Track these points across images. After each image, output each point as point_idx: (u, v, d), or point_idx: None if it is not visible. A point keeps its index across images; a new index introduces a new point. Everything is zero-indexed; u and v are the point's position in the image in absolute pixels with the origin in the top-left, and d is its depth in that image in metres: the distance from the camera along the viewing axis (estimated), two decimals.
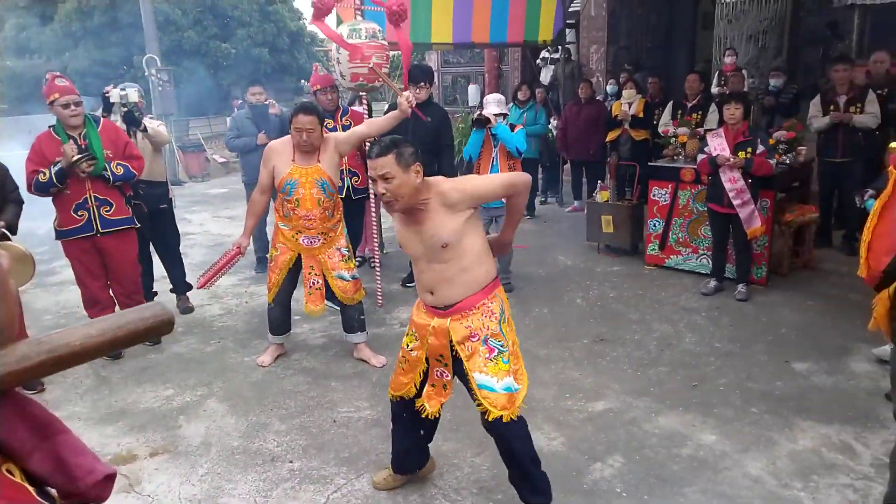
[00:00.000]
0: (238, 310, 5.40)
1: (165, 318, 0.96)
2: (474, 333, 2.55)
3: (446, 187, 2.54)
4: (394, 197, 2.49)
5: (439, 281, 2.56)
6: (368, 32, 4.89)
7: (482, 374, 2.53)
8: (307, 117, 3.83)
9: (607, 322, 4.90)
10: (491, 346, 2.55)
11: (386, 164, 2.46)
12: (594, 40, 11.42)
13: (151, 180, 4.92)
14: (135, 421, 3.69)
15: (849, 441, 3.32)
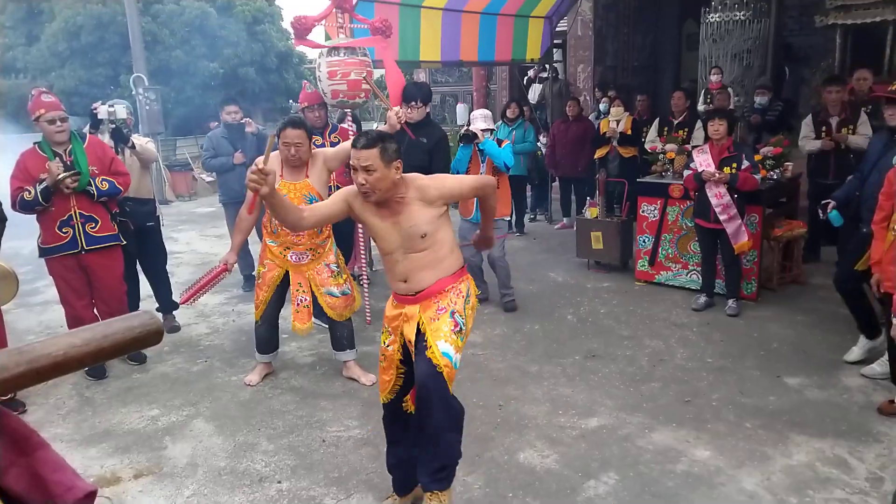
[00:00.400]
0: (225, 328, 5.32)
1: (153, 328, 0.92)
2: (443, 308, 2.68)
3: (425, 182, 2.69)
4: (372, 189, 2.58)
5: (414, 269, 2.69)
6: (347, 49, 4.90)
7: (446, 343, 2.63)
8: (295, 131, 3.81)
9: (598, 338, 4.88)
10: (456, 321, 2.68)
11: (370, 156, 2.54)
12: (581, 60, 11.52)
13: (139, 197, 4.87)
14: (119, 442, 3.61)
15: (843, 455, 3.29)
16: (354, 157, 2.57)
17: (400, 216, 2.66)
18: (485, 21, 7.26)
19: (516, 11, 7.55)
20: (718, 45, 8.80)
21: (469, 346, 4.78)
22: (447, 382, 2.62)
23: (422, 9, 6.51)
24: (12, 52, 18.74)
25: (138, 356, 4.62)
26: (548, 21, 8.18)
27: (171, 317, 5.32)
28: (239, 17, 18.87)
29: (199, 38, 18.33)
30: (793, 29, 11.10)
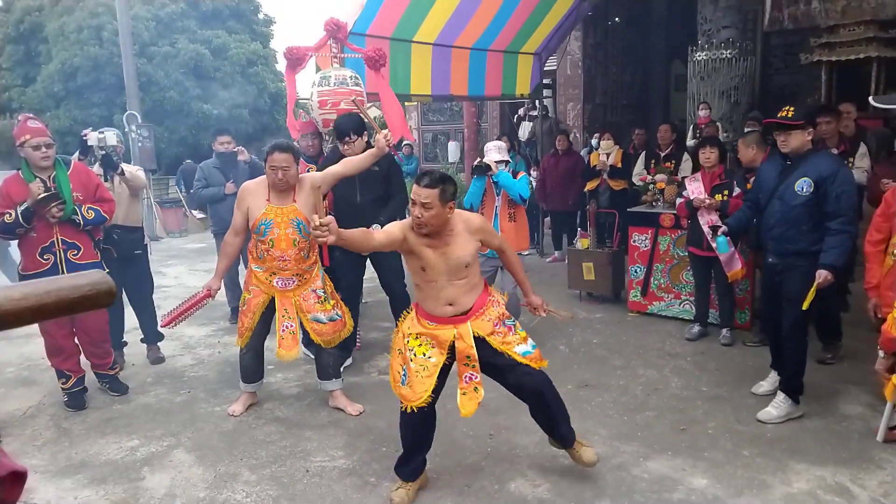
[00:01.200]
0: (210, 360, 5.21)
1: (104, 288, 0.83)
2: (496, 322, 3.10)
3: (471, 216, 3.15)
4: (425, 223, 2.89)
5: (459, 294, 3.05)
6: (338, 79, 4.92)
7: (521, 346, 3.09)
8: (282, 155, 3.77)
9: (591, 368, 4.79)
10: (508, 326, 3.13)
11: (430, 195, 2.83)
12: (570, 98, 11.66)
13: (127, 225, 4.82)
14: (95, 473, 3.47)
15: (845, 483, 3.19)
16: (416, 192, 2.86)
17: (448, 248, 2.98)
18: (474, 56, 7.33)
19: (506, 48, 7.64)
20: (706, 82, 8.93)
21: None
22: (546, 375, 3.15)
23: (412, 43, 6.56)
24: (8, 93, 18.87)
25: (120, 387, 4.50)
26: (537, 57, 8.27)
27: (156, 347, 5.21)
28: (233, 59, 19.08)
29: (194, 80, 18.51)
30: (778, 67, 11.29)
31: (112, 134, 4.84)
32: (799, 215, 3.73)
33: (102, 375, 4.50)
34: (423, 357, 3.05)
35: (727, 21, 8.89)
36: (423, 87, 6.91)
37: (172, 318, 3.93)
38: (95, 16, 17.73)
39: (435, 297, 3.04)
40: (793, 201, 3.75)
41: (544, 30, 7.80)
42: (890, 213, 3.48)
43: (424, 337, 3.08)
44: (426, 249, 2.98)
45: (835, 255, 3.61)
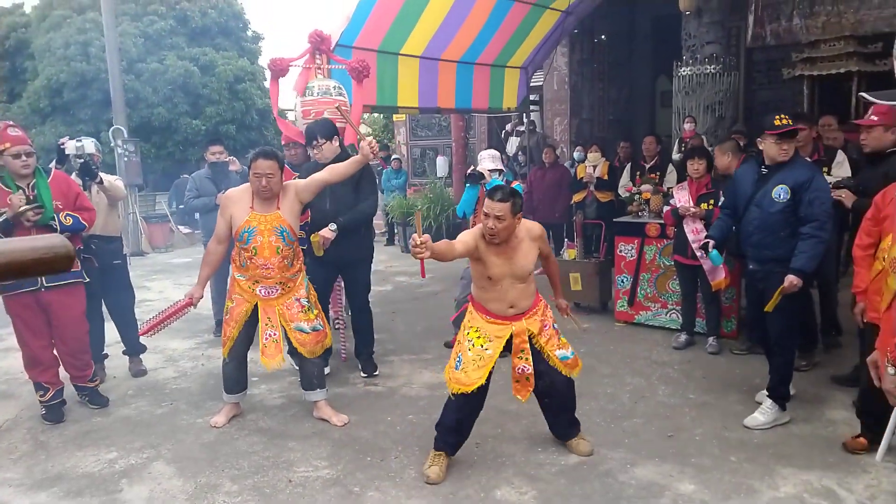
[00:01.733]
0: (193, 372, 5.13)
1: (61, 252, 0.80)
2: (545, 324, 3.46)
3: (532, 225, 3.45)
4: (497, 234, 3.17)
5: (520, 296, 3.38)
6: (321, 89, 4.93)
7: (561, 350, 3.47)
8: (266, 162, 3.75)
9: (579, 376, 4.71)
10: (556, 329, 3.51)
11: (503, 209, 3.14)
12: (557, 113, 11.73)
13: (105, 235, 4.76)
14: (71, 486, 3.39)
15: (831, 486, 3.17)
16: (489, 206, 3.16)
17: (515, 255, 3.29)
18: (461, 70, 7.37)
19: (492, 61, 7.68)
20: (691, 97, 9.01)
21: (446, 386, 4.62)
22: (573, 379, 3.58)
23: (399, 56, 6.59)
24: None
25: (99, 399, 4.42)
26: (524, 71, 8.32)
27: (138, 360, 5.14)
28: (221, 75, 19.08)
29: (182, 96, 18.50)
30: (762, 82, 11.41)
31: (90, 142, 4.80)
32: (777, 222, 3.77)
33: (82, 388, 4.42)
34: (481, 348, 3.37)
35: (711, 37, 9.00)
36: (410, 99, 6.93)
37: (151, 325, 3.87)
38: (83, 32, 17.72)
39: (500, 300, 3.36)
40: (771, 208, 3.79)
41: (530, 44, 7.86)
42: (880, 218, 3.44)
43: (484, 331, 3.40)
44: (493, 257, 3.27)
45: (804, 260, 3.66)
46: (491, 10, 6.72)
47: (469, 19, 6.65)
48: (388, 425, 4.02)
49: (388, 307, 7.07)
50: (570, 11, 7.74)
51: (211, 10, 19.73)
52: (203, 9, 19.58)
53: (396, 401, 4.41)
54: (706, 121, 8.93)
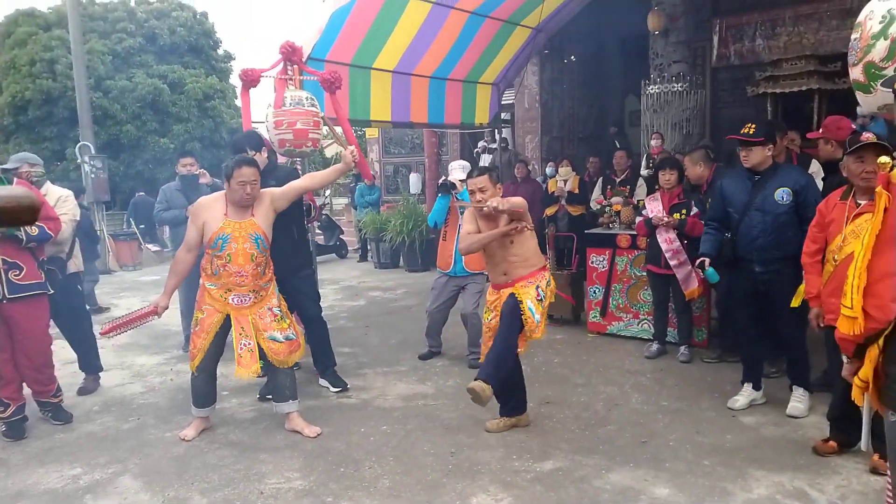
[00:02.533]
0: (162, 387, 5.02)
1: (25, 202, 0.77)
2: (532, 282, 3.79)
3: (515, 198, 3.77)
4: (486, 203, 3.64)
5: (510, 266, 3.82)
6: (293, 100, 4.91)
7: (532, 304, 3.73)
8: (250, 169, 3.73)
9: (552, 386, 4.76)
10: (538, 293, 3.79)
11: (483, 181, 3.81)
12: (529, 130, 11.85)
13: None
14: (32, 503, 3.28)
15: (803, 487, 3.20)
16: (471, 183, 3.84)
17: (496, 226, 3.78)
18: (434, 85, 7.40)
19: (464, 77, 7.73)
20: (659, 114, 9.16)
21: (420, 397, 4.62)
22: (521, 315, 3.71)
23: (371, 70, 6.60)
24: None
25: (63, 415, 4.30)
26: (495, 87, 8.38)
27: (94, 378, 5.01)
28: (190, 93, 18.94)
29: (151, 114, 18.32)
30: (727, 101, 11.66)
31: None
32: (784, 223, 3.95)
33: (45, 403, 4.30)
34: (487, 321, 3.93)
35: (678, 56, 9.18)
36: (383, 113, 6.93)
37: (113, 327, 3.77)
38: (49, 49, 17.48)
39: (496, 267, 3.88)
40: (776, 210, 3.97)
41: (501, 60, 7.92)
42: (824, 224, 3.57)
43: (490, 303, 3.93)
44: (486, 230, 3.81)
45: None
46: (462, 26, 6.78)
47: (441, 35, 6.70)
48: (361, 436, 3.97)
49: (362, 321, 7.02)
50: (541, 29, 7.83)
51: (180, 27, 19.61)
52: (172, 27, 19.45)
53: (370, 412, 4.36)
54: (674, 137, 9.08)
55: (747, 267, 4.12)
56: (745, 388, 4.28)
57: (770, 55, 9.50)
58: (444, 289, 5.32)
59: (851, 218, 3.41)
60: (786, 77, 8.87)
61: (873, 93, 3.05)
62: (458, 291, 5.33)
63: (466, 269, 5.20)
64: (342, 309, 7.72)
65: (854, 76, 3.12)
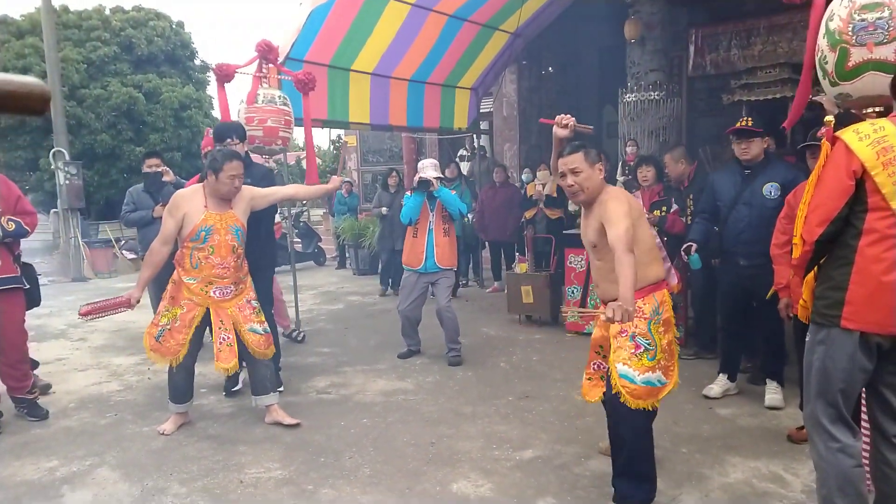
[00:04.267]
0: (139, 385, 4.97)
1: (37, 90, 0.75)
2: (624, 330, 2.74)
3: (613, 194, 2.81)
4: (580, 188, 2.80)
5: (599, 278, 2.95)
6: (266, 98, 4.96)
7: (625, 366, 2.73)
8: (238, 163, 3.76)
9: (532, 382, 4.79)
10: (637, 343, 2.74)
11: (575, 160, 2.80)
12: (507, 138, 11.96)
13: None
14: (8, 494, 3.22)
15: (778, 472, 3.26)
16: (562, 163, 2.85)
17: (586, 220, 2.91)
18: (412, 88, 7.46)
19: (443, 81, 7.81)
20: (635, 122, 9.29)
21: (400, 393, 4.62)
22: (627, 402, 2.72)
23: (350, 72, 6.64)
24: None
25: (38, 411, 4.23)
26: (474, 92, 8.48)
27: None
28: (166, 102, 18.82)
29: (126, 123, 18.17)
30: (703, 110, 11.88)
31: None
32: (770, 218, 3.93)
33: (20, 400, 4.24)
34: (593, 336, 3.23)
35: (654, 64, 9.32)
36: (361, 115, 6.97)
37: (91, 309, 3.73)
38: (21, 57, 17.31)
39: (596, 281, 3.03)
40: (763, 204, 4.03)
41: (480, 65, 8.02)
42: (792, 215, 3.65)
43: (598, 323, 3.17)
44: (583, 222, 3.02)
45: None
46: (441, 29, 6.86)
47: (420, 37, 6.77)
48: (341, 429, 3.96)
49: (341, 324, 7.01)
50: (519, 34, 7.95)
51: (157, 37, 19.51)
52: (149, 36, 19.34)
53: (350, 407, 4.35)
54: (650, 145, 9.20)
55: (732, 260, 4.22)
56: (720, 378, 4.38)
57: (745, 64, 9.69)
58: (415, 286, 5.32)
59: None
60: (760, 85, 9.06)
61: None
62: (428, 288, 5.35)
63: (438, 264, 5.23)
64: (321, 312, 7.69)
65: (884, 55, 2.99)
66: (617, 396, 2.72)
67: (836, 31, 3.24)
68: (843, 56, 2.93)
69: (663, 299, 2.80)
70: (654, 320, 2.74)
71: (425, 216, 5.21)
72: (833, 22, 3.26)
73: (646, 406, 2.72)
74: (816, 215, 2.28)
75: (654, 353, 2.72)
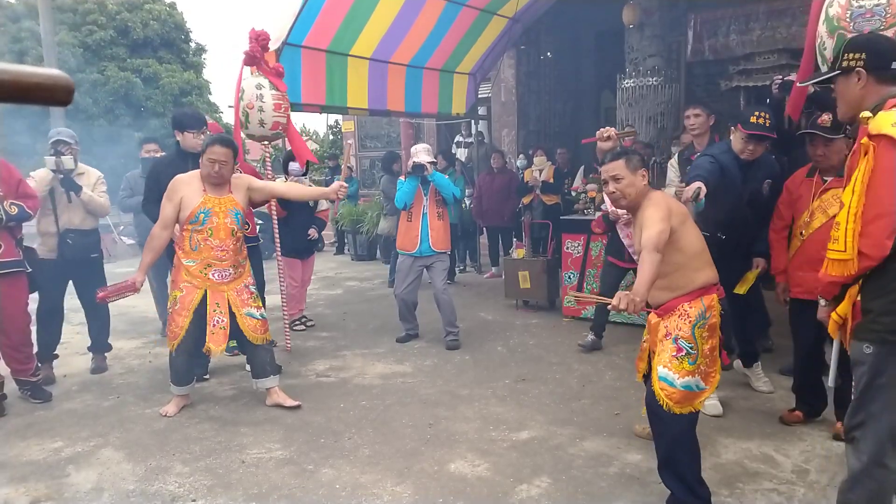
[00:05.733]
0: (141, 368, 5.03)
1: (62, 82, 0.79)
2: (669, 333, 2.73)
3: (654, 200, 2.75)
4: (621, 195, 2.78)
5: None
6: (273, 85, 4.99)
7: (665, 369, 2.70)
8: (222, 149, 3.76)
9: (528, 365, 4.86)
10: (679, 346, 2.70)
11: (617, 167, 2.77)
12: (505, 124, 11.95)
13: (82, 228, 4.74)
14: (15, 473, 3.29)
15: (769, 453, 3.33)
16: (604, 171, 2.86)
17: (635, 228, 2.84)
18: (411, 73, 7.46)
19: (441, 66, 7.80)
20: (633, 108, 9.30)
21: (398, 376, 4.68)
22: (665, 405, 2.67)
23: (349, 57, 6.64)
24: None
25: (42, 394, 4.29)
26: (472, 78, 8.48)
27: (102, 357, 5.03)
28: (165, 88, 18.76)
29: (124, 108, 18.10)
30: (701, 96, 11.88)
31: (69, 158, 4.69)
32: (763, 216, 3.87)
33: (23, 382, 4.29)
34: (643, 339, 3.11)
35: (653, 50, 9.32)
36: (359, 101, 6.97)
37: (106, 294, 3.80)
38: (18, 41, 17.23)
39: None
40: (758, 200, 3.89)
41: (478, 50, 8.01)
42: (791, 201, 3.71)
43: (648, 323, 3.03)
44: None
45: (766, 246, 3.89)
46: (439, 14, 6.85)
47: (418, 22, 6.76)
48: (341, 411, 4.03)
49: (339, 308, 7.07)
50: (517, 19, 7.94)
51: (153, 21, 19.40)
52: (145, 20, 19.23)
53: (349, 389, 4.42)
54: (648, 131, 9.23)
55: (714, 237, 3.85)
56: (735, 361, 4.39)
57: (744, 49, 9.68)
58: (410, 270, 5.37)
59: (818, 194, 3.56)
60: (758, 71, 9.07)
61: None
62: (423, 271, 5.41)
63: (433, 248, 5.28)
64: (319, 297, 7.75)
65: None
66: (655, 399, 2.71)
67: (835, 17, 3.29)
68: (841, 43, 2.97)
69: (711, 304, 2.75)
70: (699, 324, 2.70)
71: (419, 200, 5.26)
72: (832, 8, 3.32)
73: (682, 410, 2.68)
74: (883, 226, 2.03)
75: (695, 356, 2.69)
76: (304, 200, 4.14)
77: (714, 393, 3.49)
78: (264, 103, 4.90)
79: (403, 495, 3.00)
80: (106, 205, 4.96)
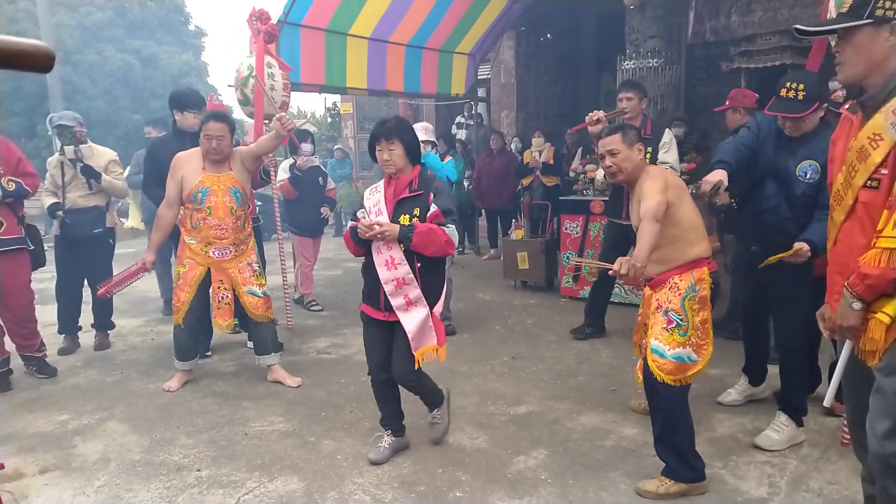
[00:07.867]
0: (143, 346, 5.10)
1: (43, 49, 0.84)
2: (660, 306, 2.77)
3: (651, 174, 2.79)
4: (618, 168, 2.82)
5: None
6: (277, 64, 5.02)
7: (656, 341, 2.73)
8: (218, 124, 3.79)
9: (526, 343, 4.92)
10: (670, 318, 2.73)
11: (613, 141, 2.81)
12: (504, 106, 11.94)
13: (80, 207, 4.74)
14: (23, 443, 3.36)
15: (763, 427, 3.37)
16: (601, 145, 2.88)
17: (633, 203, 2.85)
18: (410, 53, 7.45)
19: (440, 46, 7.79)
20: None
21: None
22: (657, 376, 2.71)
23: (348, 37, 6.63)
24: None
25: (48, 369, 4.36)
26: (471, 58, 8.47)
27: (105, 334, 5.09)
28: (164, 69, 18.69)
29: (122, 90, 18.04)
30: (702, 78, 11.87)
31: (87, 147, 4.74)
32: (802, 205, 3.10)
33: (28, 358, 4.35)
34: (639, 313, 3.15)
35: (653, 31, 9.27)
36: (358, 80, 6.97)
37: (109, 287, 3.86)
38: (15, 22, 17.12)
39: None
40: (796, 187, 3.10)
41: (477, 31, 8.00)
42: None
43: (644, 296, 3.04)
44: None
45: (819, 236, 2.77)
46: None
47: (417, 2, 6.74)
48: (341, 386, 4.10)
49: (339, 288, 7.13)
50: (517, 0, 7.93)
51: (151, 1, 19.31)
52: (142, 0, 19.15)
53: (350, 365, 4.48)
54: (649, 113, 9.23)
55: (743, 244, 3.53)
56: (742, 380, 3.80)
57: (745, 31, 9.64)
58: None
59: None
60: (760, 52, 9.05)
61: None
62: None
63: None
64: (319, 278, 7.77)
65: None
66: (650, 372, 2.73)
67: None
68: None
69: (702, 276, 2.75)
70: (689, 297, 2.71)
71: None
72: None
73: (675, 382, 2.70)
74: None
75: (685, 328, 2.70)
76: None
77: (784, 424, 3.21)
78: (275, 82, 4.93)
79: (404, 465, 3.06)
80: (124, 187, 5.02)
